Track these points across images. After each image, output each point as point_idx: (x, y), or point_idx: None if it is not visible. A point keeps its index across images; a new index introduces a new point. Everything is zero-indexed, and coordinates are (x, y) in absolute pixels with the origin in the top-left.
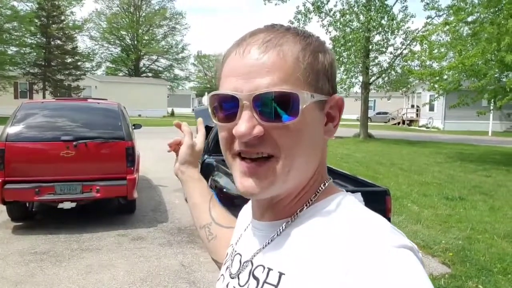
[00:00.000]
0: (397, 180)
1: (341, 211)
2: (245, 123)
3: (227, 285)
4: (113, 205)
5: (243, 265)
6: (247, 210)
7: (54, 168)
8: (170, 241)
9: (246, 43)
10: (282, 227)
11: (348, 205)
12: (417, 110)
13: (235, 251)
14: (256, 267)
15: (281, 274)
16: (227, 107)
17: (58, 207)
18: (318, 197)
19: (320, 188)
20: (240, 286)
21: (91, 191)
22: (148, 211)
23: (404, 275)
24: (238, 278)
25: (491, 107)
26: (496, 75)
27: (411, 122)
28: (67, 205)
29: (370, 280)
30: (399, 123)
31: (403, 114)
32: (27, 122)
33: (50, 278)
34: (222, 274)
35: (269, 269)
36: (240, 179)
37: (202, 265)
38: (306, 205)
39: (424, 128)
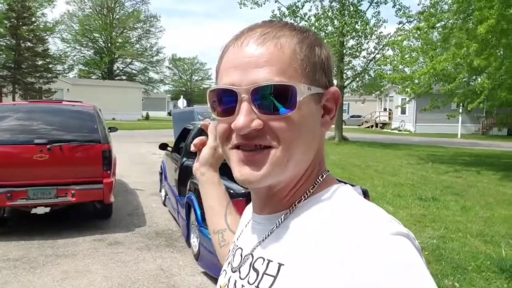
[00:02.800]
0: (372, 182)
1: (338, 201)
2: (244, 116)
3: (228, 279)
4: (89, 210)
5: (244, 259)
6: (249, 208)
7: (27, 172)
8: (148, 245)
9: (244, 36)
10: (281, 219)
11: (345, 195)
12: (389, 113)
13: (237, 246)
14: (256, 259)
15: (280, 265)
16: (226, 101)
17: (32, 212)
18: (316, 189)
19: (318, 180)
20: (241, 279)
21: (66, 195)
22: (125, 215)
23: (401, 262)
24: (239, 272)
25: (460, 110)
26: (465, 79)
27: (384, 125)
28: (41, 210)
29: (366, 266)
30: (372, 126)
31: (376, 117)
32: None
33: (25, 286)
34: (224, 270)
35: (269, 261)
36: (238, 168)
37: (182, 269)
38: (304, 197)
39: (396, 131)
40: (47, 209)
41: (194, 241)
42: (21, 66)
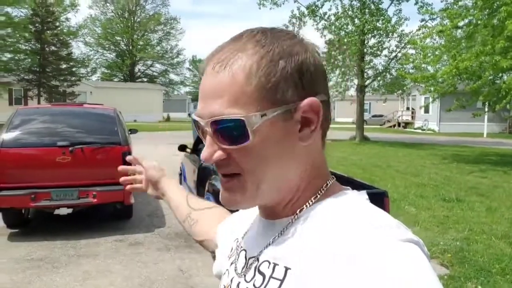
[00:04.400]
0: (394, 182)
1: (345, 207)
2: (207, 148)
3: (231, 280)
4: (109, 211)
5: (248, 261)
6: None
7: (50, 174)
8: (168, 246)
9: (207, 61)
10: (287, 223)
11: (352, 200)
12: (412, 113)
13: (241, 247)
14: (262, 262)
15: (287, 268)
16: (199, 130)
17: (55, 213)
18: (320, 197)
19: (322, 190)
20: (246, 281)
21: (87, 196)
22: (145, 216)
23: (409, 269)
24: (244, 275)
25: (486, 109)
26: (490, 77)
27: (406, 124)
28: (64, 211)
29: (375, 273)
30: (394, 125)
31: (399, 117)
32: (23, 128)
33: (47, 285)
34: (227, 269)
35: (275, 264)
36: (222, 191)
37: (200, 270)
38: (306, 206)
39: (419, 130)
40: (70, 210)
41: None
42: (45, 70)
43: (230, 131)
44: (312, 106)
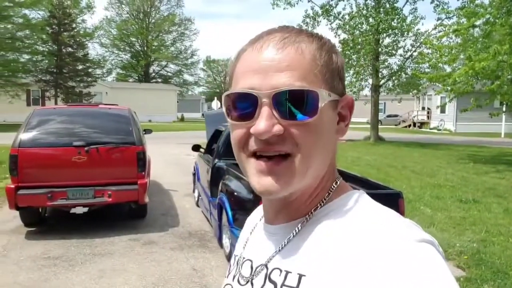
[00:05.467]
0: (409, 183)
1: (357, 208)
2: (265, 121)
3: None
4: (124, 210)
5: (256, 270)
6: (251, 218)
7: (66, 173)
8: (182, 245)
9: (263, 40)
10: (298, 227)
11: (363, 202)
12: (428, 112)
13: (244, 258)
14: (272, 270)
15: (301, 276)
16: (244, 105)
17: (71, 212)
18: (331, 196)
19: (332, 187)
20: None
21: (103, 196)
22: (159, 216)
23: (427, 269)
24: (252, 284)
25: (504, 109)
26: (509, 76)
27: (422, 124)
28: (80, 210)
29: (394, 274)
30: (409, 125)
31: (414, 117)
32: (40, 128)
33: (63, 283)
34: (229, 284)
35: (287, 272)
36: (258, 178)
37: (214, 269)
38: (320, 204)
39: (435, 130)
40: (85, 209)
41: (226, 241)
42: (62, 71)
43: (300, 104)
44: (348, 102)
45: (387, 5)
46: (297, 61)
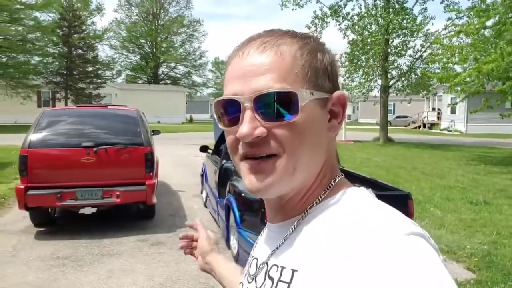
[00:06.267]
0: (418, 184)
1: (349, 203)
2: (247, 124)
3: None
4: (132, 210)
5: (259, 268)
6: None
7: (75, 174)
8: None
9: (246, 47)
10: (294, 225)
11: (357, 197)
12: (438, 113)
13: (252, 257)
14: (271, 267)
15: (293, 271)
16: (231, 111)
17: (79, 212)
18: (328, 193)
19: (330, 184)
20: None
21: (111, 196)
22: (168, 216)
23: (417, 262)
24: (255, 281)
25: None
26: None
27: (432, 125)
28: (88, 211)
29: (383, 269)
30: (419, 126)
31: (424, 118)
32: (49, 129)
33: (72, 283)
34: (241, 282)
35: (283, 268)
36: (247, 177)
37: None
38: (316, 202)
39: (445, 132)
40: (94, 210)
41: (234, 242)
42: (72, 73)
43: (279, 105)
44: (340, 99)
45: (397, 5)
46: (277, 63)
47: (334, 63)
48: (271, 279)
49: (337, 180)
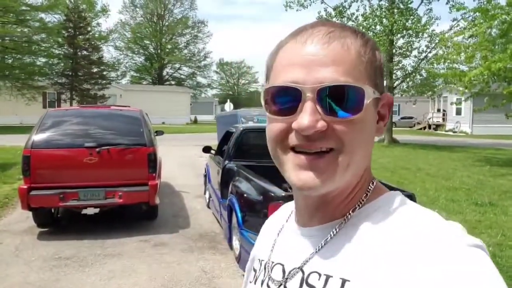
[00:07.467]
0: (423, 186)
1: (401, 211)
2: (309, 116)
3: None
4: (135, 211)
5: (289, 274)
6: (275, 219)
7: (78, 174)
8: (192, 247)
9: (307, 34)
10: (336, 229)
11: (405, 204)
12: (443, 115)
13: (273, 262)
14: (309, 274)
15: (344, 280)
16: (285, 99)
17: (82, 213)
18: (369, 197)
19: (370, 187)
20: None
21: (114, 197)
22: (170, 217)
23: (481, 275)
24: (285, 287)
25: None
26: None
27: (438, 126)
28: (91, 211)
29: (445, 281)
30: (424, 127)
31: (429, 119)
32: (52, 129)
33: (74, 283)
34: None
35: (328, 276)
36: (297, 172)
37: (224, 271)
38: (358, 205)
39: (451, 133)
40: (97, 210)
41: (236, 243)
42: (77, 74)
43: (345, 99)
44: (388, 101)
45: (401, 6)
46: (343, 56)
47: (384, 64)
48: (312, 287)
49: (375, 183)
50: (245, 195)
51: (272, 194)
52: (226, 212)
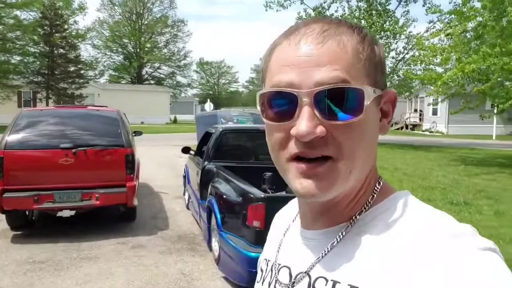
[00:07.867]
0: (401, 185)
1: (409, 213)
2: (307, 121)
3: None
4: (113, 213)
5: (296, 278)
6: (281, 218)
7: (53, 176)
8: (170, 249)
9: (300, 33)
10: (342, 233)
11: (413, 205)
12: (420, 115)
13: (279, 264)
14: (316, 279)
15: (352, 287)
16: (281, 103)
17: (58, 215)
18: (376, 198)
19: (376, 188)
20: None
21: (90, 199)
22: (149, 219)
23: (495, 280)
24: None
25: (495, 111)
26: (500, 79)
27: (414, 126)
28: (67, 213)
29: (461, 286)
30: (402, 127)
31: (406, 119)
32: (26, 130)
33: None
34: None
35: (335, 282)
36: (300, 181)
37: (202, 273)
38: (365, 208)
39: (427, 133)
40: (72, 212)
41: (215, 245)
42: (54, 72)
43: (344, 102)
44: (391, 97)
45: (379, 7)
46: (339, 55)
47: (385, 58)
48: None
49: (381, 183)
50: (224, 196)
51: (252, 196)
52: (205, 213)
